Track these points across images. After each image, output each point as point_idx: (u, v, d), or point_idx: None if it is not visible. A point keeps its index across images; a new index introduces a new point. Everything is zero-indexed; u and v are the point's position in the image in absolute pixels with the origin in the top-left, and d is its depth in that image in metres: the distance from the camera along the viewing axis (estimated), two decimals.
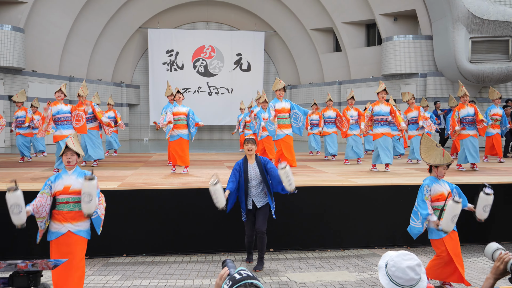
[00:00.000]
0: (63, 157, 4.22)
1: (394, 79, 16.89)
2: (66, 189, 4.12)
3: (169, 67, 21.25)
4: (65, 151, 4.20)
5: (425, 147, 4.73)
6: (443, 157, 4.56)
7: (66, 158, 4.19)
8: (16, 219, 3.91)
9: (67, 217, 4.12)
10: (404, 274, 1.90)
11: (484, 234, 6.60)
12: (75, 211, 4.15)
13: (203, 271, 5.45)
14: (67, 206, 4.13)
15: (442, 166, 4.57)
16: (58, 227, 4.12)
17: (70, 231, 4.12)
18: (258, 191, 5.39)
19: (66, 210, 4.13)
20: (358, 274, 5.33)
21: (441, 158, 4.56)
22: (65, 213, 4.12)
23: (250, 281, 1.65)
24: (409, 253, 1.97)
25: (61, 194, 4.12)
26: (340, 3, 18.22)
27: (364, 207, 6.52)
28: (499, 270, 2.07)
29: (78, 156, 4.25)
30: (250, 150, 5.40)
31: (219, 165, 9.51)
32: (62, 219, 4.12)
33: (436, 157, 4.61)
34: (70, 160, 4.18)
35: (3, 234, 5.84)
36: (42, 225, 4.13)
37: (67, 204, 4.13)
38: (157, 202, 6.23)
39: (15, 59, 15.12)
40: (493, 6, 14.06)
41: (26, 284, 2.54)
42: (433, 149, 4.65)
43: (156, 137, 21.71)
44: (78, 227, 4.16)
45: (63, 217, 4.12)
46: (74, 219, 4.14)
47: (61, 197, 4.13)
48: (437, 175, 4.63)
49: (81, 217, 4.18)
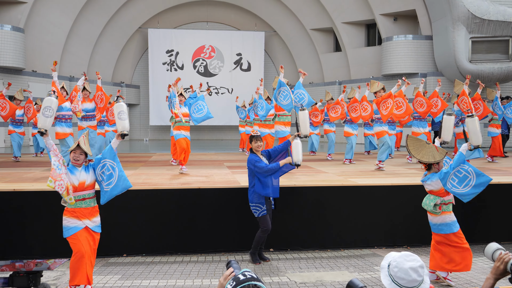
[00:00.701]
0: (71, 153, 4.34)
1: (394, 79, 16.87)
2: (82, 185, 4.29)
3: (169, 67, 21.25)
4: (74, 149, 4.34)
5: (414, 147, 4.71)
6: (438, 151, 4.57)
7: (74, 155, 4.33)
8: (42, 120, 4.34)
9: (85, 213, 4.30)
10: (407, 275, 1.89)
11: (484, 234, 6.60)
12: (91, 207, 4.36)
13: (203, 271, 5.45)
14: (84, 203, 4.31)
15: (442, 160, 4.59)
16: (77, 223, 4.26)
17: (87, 227, 4.31)
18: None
19: (84, 207, 4.30)
20: (358, 274, 5.33)
21: (438, 153, 4.57)
22: (84, 210, 4.30)
23: (254, 283, 1.65)
24: (412, 254, 1.97)
25: (77, 190, 4.27)
26: (340, 3, 18.21)
27: (364, 207, 6.51)
28: (499, 270, 2.07)
29: (86, 156, 4.39)
30: (259, 147, 5.50)
31: (219, 165, 9.51)
32: (80, 216, 4.28)
33: (433, 154, 4.61)
34: (78, 159, 4.33)
35: (3, 234, 5.85)
36: (55, 166, 4.17)
37: (84, 200, 4.30)
38: (157, 202, 6.23)
39: (15, 59, 15.12)
40: (493, 6, 14.06)
41: (26, 284, 2.54)
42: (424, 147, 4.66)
43: (156, 137, 21.71)
44: (94, 223, 4.38)
45: (82, 214, 4.28)
46: (91, 215, 4.35)
47: (77, 194, 4.27)
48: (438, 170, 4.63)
49: (96, 212, 4.41)
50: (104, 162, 4.42)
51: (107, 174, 4.41)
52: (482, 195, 6.42)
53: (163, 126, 20.94)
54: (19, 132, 10.72)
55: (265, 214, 5.45)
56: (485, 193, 6.57)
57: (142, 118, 21.84)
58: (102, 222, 4.53)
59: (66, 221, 4.27)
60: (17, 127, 10.77)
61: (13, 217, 5.86)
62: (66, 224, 4.26)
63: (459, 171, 4.56)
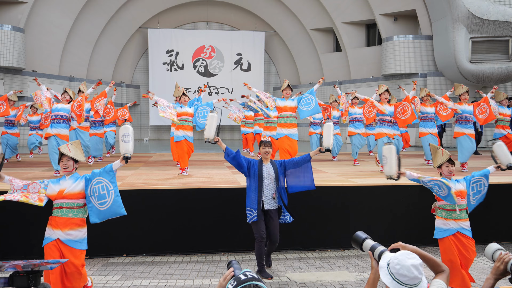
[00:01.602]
0: (59, 164, 4.18)
1: (394, 79, 16.89)
2: (60, 192, 4.05)
3: (169, 67, 21.26)
4: (61, 158, 4.15)
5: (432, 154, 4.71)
6: (442, 155, 4.56)
7: (62, 164, 4.14)
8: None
9: (59, 223, 4.01)
10: (409, 272, 1.90)
11: (484, 234, 6.60)
12: (68, 217, 4.03)
13: (203, 271, 5.45)
14: (60, 212, 4.04)
15: (444, 164, 4.55)
16: (49, 232, 4.03)
17: (59, 239, 4.00)
18: (269, 192, 5.19)
19: (59, 216, 4.03)
20: (358, 274, 5.33)
21: (441, 157, 4.56)
22: (58, 219, 4.03)
23: (255, 283, 1.66)
24: (411, 253, 1.98)
25: (56, 198, 4.06)
26: (340, 3, 18.22)
27: (364, 207, 6.52)
28: (499, 270, 2.08)
29: (76, 161, 4.18)
30: (267, 153, 5.25)
31: (219, 165, 9.51)
32: (54, 225, 4.02)
33: (437, 159, 4.60)
34: (66, 166, 4.13)
35: (3, 234, 5.85)
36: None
37: (60, 209, 4.05)
38: (157, 202, 6.23)
39: (15, 59, 15.13)
40: (493, 6, 14.06)
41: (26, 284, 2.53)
42: (436, 153, 4.65)
43: (156, 137, 21.72)
44: (68, 236, 4.01)
45: (55, 223, 4.02)
46: (65, 226, 4.01)
47: (55, 202, 4.07)
48: (444, 175, 4.58)
49: (73, 224, 4.04)
50: (100, 180, 4.13)
51: (101, 193, 4.11)
52: None
53: (163, 126, 20.94)
54: (11, 133, 10.67)
55: (256, 220, 5.12)
56: (486, 193, 6.58)
57: (142, 118, 21.85)
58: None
59: (46, 230, 4.07)
60: (9, 128, 10.69)
61: (13, 217, 5.86)
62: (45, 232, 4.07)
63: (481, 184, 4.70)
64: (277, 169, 5.24)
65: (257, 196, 5.16)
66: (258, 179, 5.17)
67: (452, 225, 4.50)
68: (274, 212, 5.22)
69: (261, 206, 5.15)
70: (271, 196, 5.21)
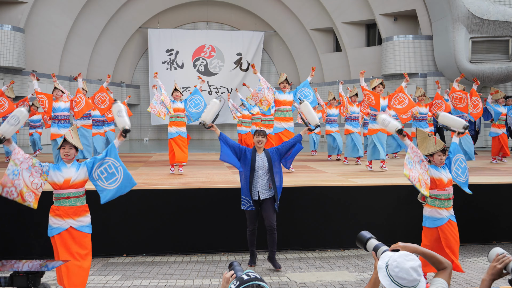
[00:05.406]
0: (61, 150, 4.20)
1: (394, 79, 16.88)
2: (67, 182, 4.11)
3: (169, 66, 21.25)
4: (63, 145, 4.19)
5: (420, 139, 4.76)
6: (436, 144, 4.60)
7: (64, 151, 4.18)
8: (4, 128, 3.92)
9: (69, 212, 4.13)
10: (408, 275, 1.89)
11: (484, 234, 6.61)
12: (77, 206, 4.16)
13: (203, 271, 5.45)
14: (68, 202, 4.13)
15: (437, 153, 4.61)
16: (59, 223, 4.11)
17: (72, 227, 4.14)
18: (264, 182, 5.26)
19: (68, 206, 4.12)
20: (358, 274, 5.33)
21: (434, 146, 4.61)
22: (67, 209, 4.12)
23: (258, 283, 1.67)
24: (410, 254, 1.97)
25: (61, 188, 4.11)
26: (340, 3, 18.21)
27: (364, 207, 6.52)
28: (496, 270, 2.06)
29: (77, 150, 4.25)
30: (260, 142, 5.32)
31: (219, 165, 9.51)
32: (64, 215, 4.11)
33: (429, 146, 4.64)
34: (68, 154, 4.17)
35: (3, 234, 5.85)
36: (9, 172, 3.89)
37: (68, 199, 4.12)
38: (157, 202, 6.23)
39: (15, 59, 15.12)
40: (493, 6, 14.06)
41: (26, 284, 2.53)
42: (426, 140, 4.70)
43: (156, 137, 21.71)
44: (80, 222, 4.18)
45: (65, 213, 4.12)
46: (76, 214, 4.16)
47: (61, 192, 4.12)
48: (435, 163, 4.65)
49: (83, 211, 4.22)
50: (107, 161, 4.24)
51: (109, 172, 4.23)
52: (482, 195, 6.44)
53: (163, 126, 20.91)
54: None
55: (251, 209, 5.25)
56: (485, 193, 6.59)
57: (142, 118, 21.83)
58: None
59: (51, 221, 4.14)
60: None
61: (13, 217, 5.86)
62: (50, 223, 4.14)
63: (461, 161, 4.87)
64: (270, 158, 5.31)
65: (248, 185, 5.24)
66: (250, 168, 5.24)
67: (444, 214, 4.63)
68: (271, 200, 5.34)
69: (258, 197, 5.27)
70: (267, 187, 5.30)
